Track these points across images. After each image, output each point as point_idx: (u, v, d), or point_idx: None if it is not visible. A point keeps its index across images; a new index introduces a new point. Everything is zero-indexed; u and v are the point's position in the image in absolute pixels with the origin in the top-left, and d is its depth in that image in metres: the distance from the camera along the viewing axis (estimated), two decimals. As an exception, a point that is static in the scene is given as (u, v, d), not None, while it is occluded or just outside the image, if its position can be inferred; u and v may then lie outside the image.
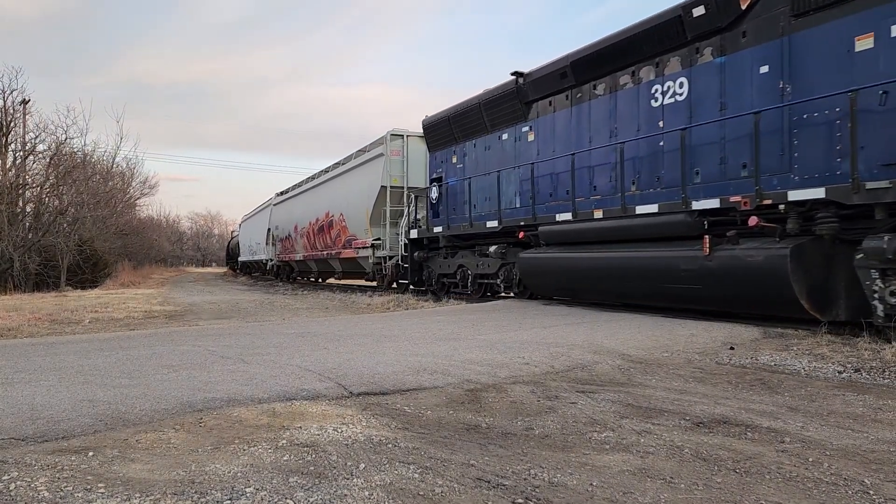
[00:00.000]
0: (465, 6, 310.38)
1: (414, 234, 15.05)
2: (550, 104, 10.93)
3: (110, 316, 11.40)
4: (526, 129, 11.62)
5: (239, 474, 2.56)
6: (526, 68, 11.39)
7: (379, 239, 17.35)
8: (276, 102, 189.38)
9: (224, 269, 56.19)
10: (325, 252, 22.33)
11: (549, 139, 10.98)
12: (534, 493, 2.42)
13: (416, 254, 15.05)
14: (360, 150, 19.66)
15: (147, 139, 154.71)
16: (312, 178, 25.49)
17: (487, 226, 12.13)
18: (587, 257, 9.72)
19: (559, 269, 10.32)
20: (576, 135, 10.34)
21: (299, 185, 27.69)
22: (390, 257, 16.78)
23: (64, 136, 26.43)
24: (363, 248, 18.08)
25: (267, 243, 31.41)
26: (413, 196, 15.44)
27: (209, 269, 70.69)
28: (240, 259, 41.48)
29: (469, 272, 13.33)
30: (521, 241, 11.36)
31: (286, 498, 2.33)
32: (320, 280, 28.03)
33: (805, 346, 6.13)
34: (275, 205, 31.17)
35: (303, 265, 26.89)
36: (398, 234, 16.42)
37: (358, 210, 18.59)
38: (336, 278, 24.43)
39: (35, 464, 2.68)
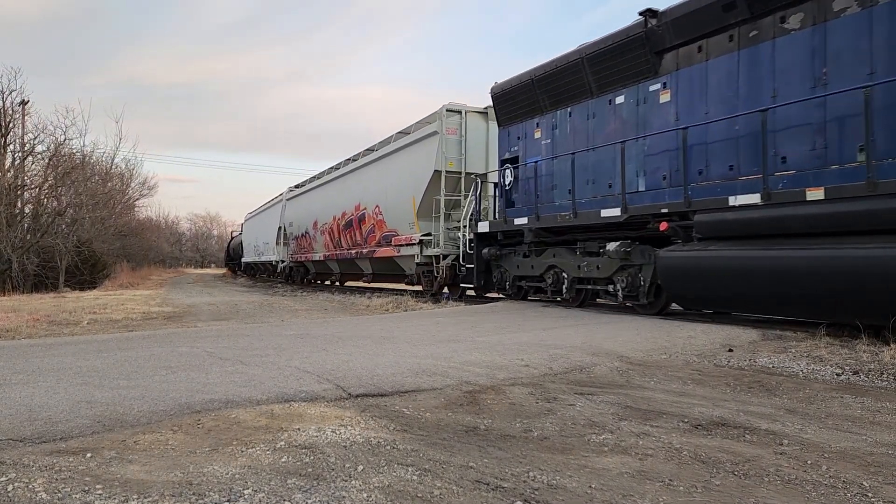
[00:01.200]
0: (465, 6, 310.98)
1: (484, 227, 12.36)
2: (700, 50, 8.26)
3: (109, 317, 11.38)
4: (656, 86, 8.93)
5: (237, 476, 2.56)
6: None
7: (429, 234, 14.61)
8: (276, 102, 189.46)
9: (223, 271, 56.04)
10: (352, 251, 19.43)
11: (697, 98, 8.33)
12: (533, 496, 2.41)
13: (484, 251, 12.39)
14: (400, 133, 17.04)
15: (146, 140, 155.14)
16: (336, 167, 22.28)
17: (603, 215, 9.40)
18: (795, 256, 6.68)
19: (736, 273, 7.30)
20: (746, 88, 7.69)
21: (319, 175, 24.49)
22: (444, 256, 14.14)
23: (63, 137, 26.54)
24: (408, 245, 15.37)
25: (278, 243, 28.14)
26: (479, 181, 12.93)
27: (208, 270, 70.63)
28: (243, 260, 38.81)
29: (565, 275, 10.58)
30: (652, 236, 8.83)
31: (284, 500, 2.32)
32: (338, 283, 24.86)
33: (803, 348, 6.14)
34: (288, 199, 27.87)
35: (322, 266, 23.96)
36: (450, 230, 14.09)
37: (402, 200, 15.80)
38: (364, 281, 21.05)
39: (33, 465, 2.68)
